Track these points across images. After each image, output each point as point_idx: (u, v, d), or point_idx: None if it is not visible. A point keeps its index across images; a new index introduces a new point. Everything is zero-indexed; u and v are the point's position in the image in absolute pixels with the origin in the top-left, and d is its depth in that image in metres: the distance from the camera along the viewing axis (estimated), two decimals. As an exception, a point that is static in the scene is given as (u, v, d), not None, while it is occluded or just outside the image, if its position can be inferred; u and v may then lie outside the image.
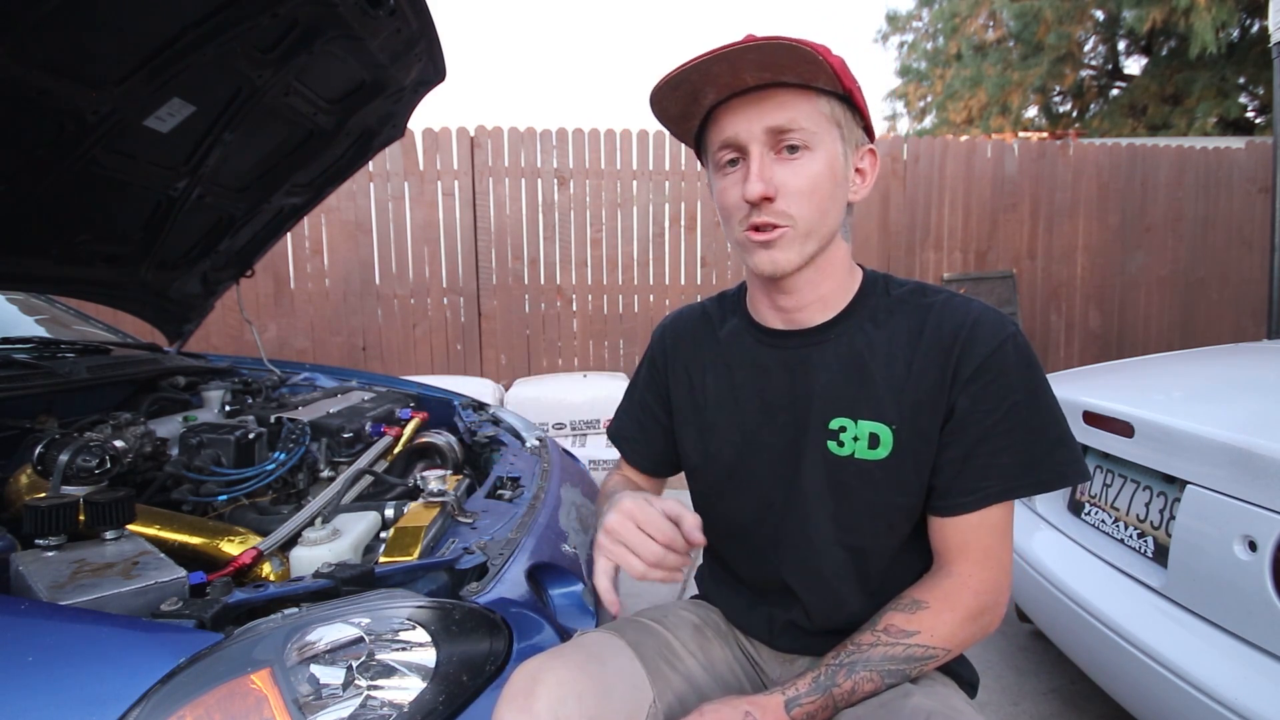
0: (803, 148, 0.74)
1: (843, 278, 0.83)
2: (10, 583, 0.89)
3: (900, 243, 4.88)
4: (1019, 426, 0.75)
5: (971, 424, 0.76)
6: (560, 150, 4.48)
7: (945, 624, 0.76)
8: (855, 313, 0.83)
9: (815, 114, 0.74)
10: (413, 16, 1.34)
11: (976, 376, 0.76)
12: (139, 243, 1.64)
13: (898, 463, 0.79)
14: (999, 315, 0.78)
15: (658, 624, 0.92)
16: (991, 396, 0.75)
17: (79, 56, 1.08)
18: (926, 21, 13.01)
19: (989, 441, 0.76)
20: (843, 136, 0.76)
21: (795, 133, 0.73)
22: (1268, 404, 1.47)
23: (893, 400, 0.78)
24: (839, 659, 0.76)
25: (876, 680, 0.75)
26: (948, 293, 0.82)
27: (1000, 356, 0.76)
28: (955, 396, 0.76)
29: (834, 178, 0.76)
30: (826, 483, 0.82)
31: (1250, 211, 5.36)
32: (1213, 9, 8.11)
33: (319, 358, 4.28)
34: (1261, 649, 1.10)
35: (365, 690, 0.73)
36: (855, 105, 0.77)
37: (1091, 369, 2.12)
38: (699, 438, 0.93)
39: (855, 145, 0.79)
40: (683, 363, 0.95)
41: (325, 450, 1.45)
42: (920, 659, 0.76)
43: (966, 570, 0.78)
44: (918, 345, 0.78)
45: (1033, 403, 0.76)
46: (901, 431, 0.78)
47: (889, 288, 0.84)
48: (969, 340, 0.76)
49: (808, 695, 0.74)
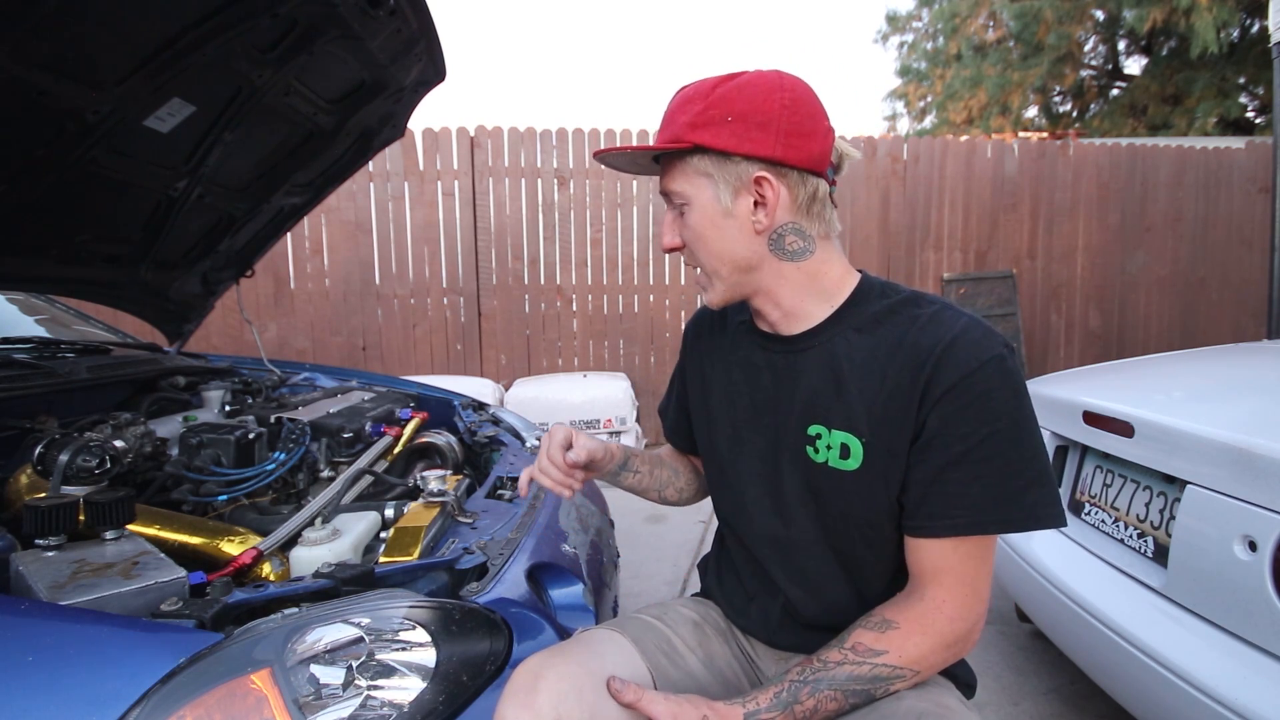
0: (682, 205, 0.81)
1: (808, 292, 0.82)
2: (10, 583, 0.89)
3: (900, 243, 4.88)
4: (995, 457, 0.72)
5: (940, 447, 0.73)
6: (560, 150, 4.48)
7: (915, 646, 0.75)
8: (841, 320, 0.82)
9: (686, 174, 0.79)
10: (413, 16, 1.34)
11: (948, 397, 0.73)
12: (139, 243, 1.64)
13: (868, 475, 0.78)
14: (987, 335, 0.75)
15: (658, 621, 0.93)
16: (965, 421, 0.72)
17: (79, 56, 1.08)
18: (926, 21, 13.00)
19: (959, 469, 0.73)
20: (715, 182, 0.78)
21: (674, 195, 0.82)
22: (1268, 404, 1.47)
23: (864, 412, 0.77)
24: (803, 675, 0.75)
25: (840, 700, 0.74)
26: (941, 305, 0.79)
27: (978, 379, 0.72)
28: (926, 415, 0.74)
29: (711, 224, 0.80)
30: (807, 489, 0.83)
31: (1250, 211, 5.36)
32: (1214, 9, 8.11)
33: (319, 358, 4.28)
34: (1261, 649, 1.10)
35: (365, 690, 0.73)
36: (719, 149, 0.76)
37: (1091, 369, 2.12)
38: (703, 427, 0.97)
39: (739, 180, 0.77)
40: (699, 355, 0.99)
41: (325, 450, 1.45)
42: (886, 679, 0.75)
43: (941, 596, 0.75)
44: (894, 358, 0.76)
45: (1012, 434, 0.72)
46: (871, 445, 0.77)
47: (882, 297, 0.82)
48: (944, 358, 0.73)
49: (768, 710, 0.73)
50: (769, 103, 0.75)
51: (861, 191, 4.80)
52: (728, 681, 0.91)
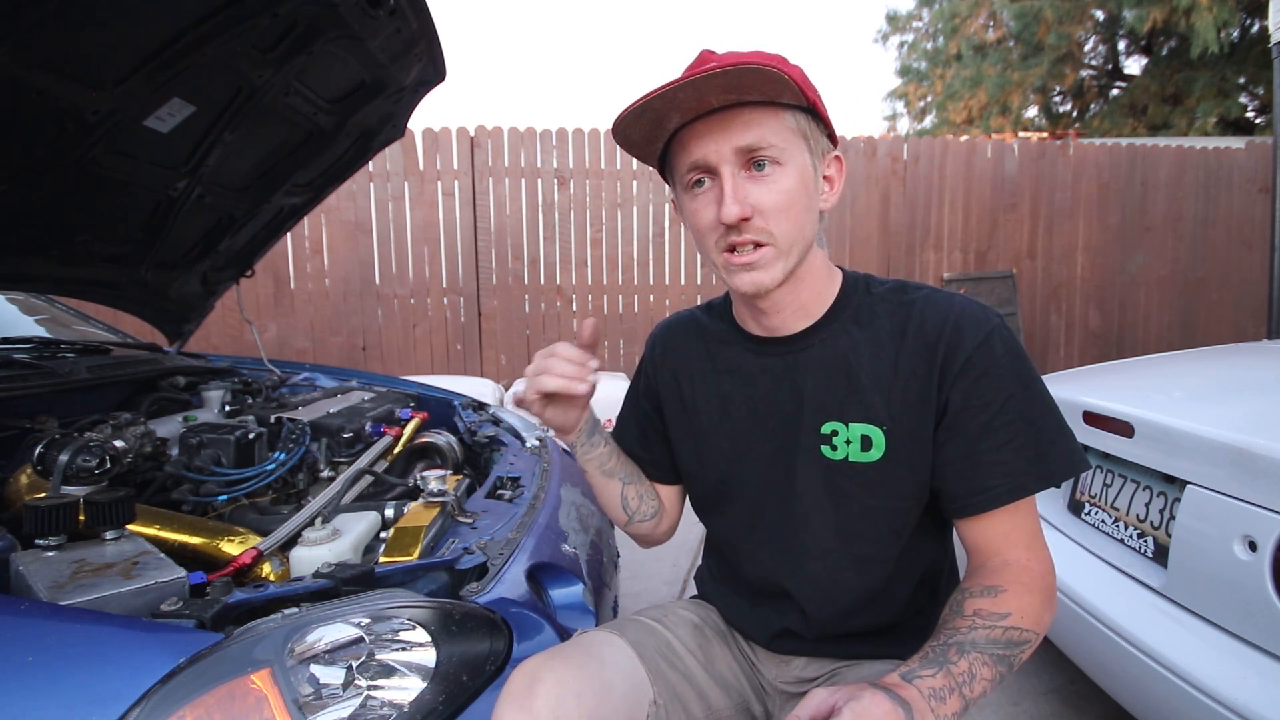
0: (773, 163, 0.73)
1: (820, 284, 0.83)
2: (10, 583, 0.88)
3: (900, 243, 4.88)
4: (1017, 420, 0.74)
5: (967, 419, 0.74)
6: (560, 150, 4.48)
7: (1029, 605, 0.70)
8: (838, 315, 0.82)
9: (782, 129, 0.73)
10: (413, 16, 1.34)
11: (966, 371, 0.74)
12: (139, 243, 1.64)
13: (892, 464, 0.78)
14: (981, 308, 0.78)
15: (658, 623, 0.92)
16: (984, 390, 0.74)
17: (79, 56, 1.08)
18: (926, 21, 13.01)
19: (988, 437, 0.74)
20: (810, 148, 0.76)
21: (765, 150, 0.72)
22: (1268, 404, 1.47)
23: (882, 401, 0.77)
24: (942, 641, 0.67)
25: (990, 666, 0.66)
26: (929, 289, 0.81)
27: (987, 349, 0.74)
28: (947, 393, 0.75)
29: (806, 190, 0.75)
30: (825, 489, 0.81)
31: (1250, 211, 5.36)
32: (1214, 9, 8.11)
33: (319, 358, 4.28)
34: (1261, 649, 1.10)
35: (365, 690, 0.73)
36: (818, 115, 0.77)
37: (1091, 369, 2.12)
38: (691, 446, 0.93)
39: (822, 154, 0.78)
40: (671, 371, 0.95)
41: (325, 450, 1.45)
42: (1018, 643, 0.69)
43: (1023, 557, 0.74)
44: (902, 343, 0.77)
45: (1027, 394, 0.75)
46: (893, 432, 0.77)
47: (869, 287, 0.84)
48: (954, 334, 0.75)
49: (922, 668, 0.63)
50: (816, 90, 0.76)
51: (861, 191, 4.80)
52: (728, 685, 0.90)
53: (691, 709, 0.85)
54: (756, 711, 0.91)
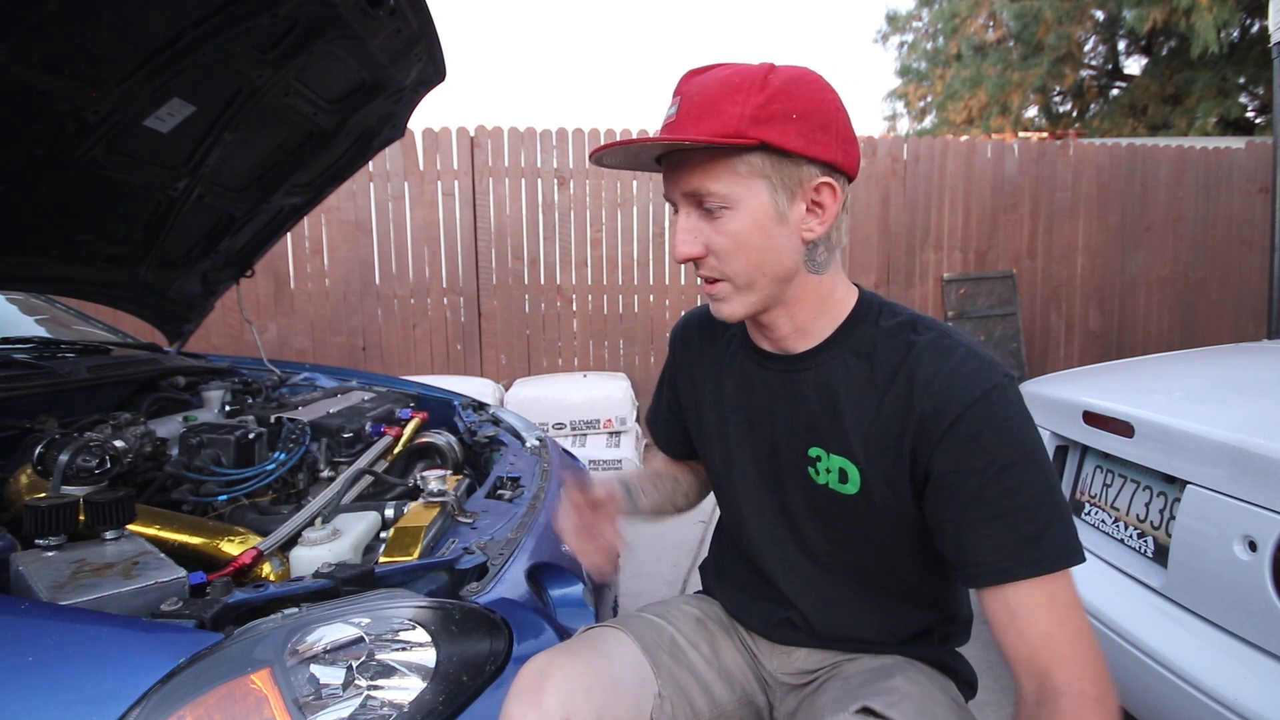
0: (721, 208, 0.71)
1: (821, 308, 0.79)
2: (10, 583, 0.89)
3: (900, 243, 4.88)
4: (1011, 494, 0.67)
5: (957, 484, 0.69)
6: (560, 150, 4.48)
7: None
8: (839, 343, 0.79)
9: (729, 175, 0.70)
10: (413, 16, 1.34)
11: (953, 431, 0.69)
12: (139, 243, 1.64)
13: (867, 501, 0.76)
14: (985, 364, 0.71)
15: (661, 619, 0.93)
16: (975, 456, 0.68)
17: (79, 56, 1.08)
18: (926, 21, 13.01)
19: (978, 508, 0.68)
20: (773, 185, 0.70)
21: (708, 198, 0.71)
22: (1268, 404, 1.47)
23: (859, 439, 0.75)
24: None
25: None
26: (938, 331, 0.75)
27: (982, 410, 0.68)
28: (931, 451, 0.70)
29: (763, 230, 0.71)
30: (809, 506, 0.82)
31: (1250, 211, 5.36)
32: (1214, 9, 8.11)
33: (319, 358, 4.28)
34: (1261, 649, 1.10)
35: (365, 690, 0.73)
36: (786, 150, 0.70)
37: (1091, 369, 2.12)
38: (699, 437, 0.96)
39: (798, 184, 0.71)
40: (689, 365, 0.97)
41: (325, 450, 1.45)
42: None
43: (1073, 678, 0.63)
44: (891, 386, 0.73)
45: (1026, 467, 0.68)
46: (868, 472, 0.75)
47: (880, 318, 0.79)
48: (944, 390, 0.69)
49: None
50: (826, 102, 0.71)
51: (861, 191, 4.80)
52: (732, 677, 0.91)
53: (696, 702, 0.86)
54: (760, 703, 0.92)
